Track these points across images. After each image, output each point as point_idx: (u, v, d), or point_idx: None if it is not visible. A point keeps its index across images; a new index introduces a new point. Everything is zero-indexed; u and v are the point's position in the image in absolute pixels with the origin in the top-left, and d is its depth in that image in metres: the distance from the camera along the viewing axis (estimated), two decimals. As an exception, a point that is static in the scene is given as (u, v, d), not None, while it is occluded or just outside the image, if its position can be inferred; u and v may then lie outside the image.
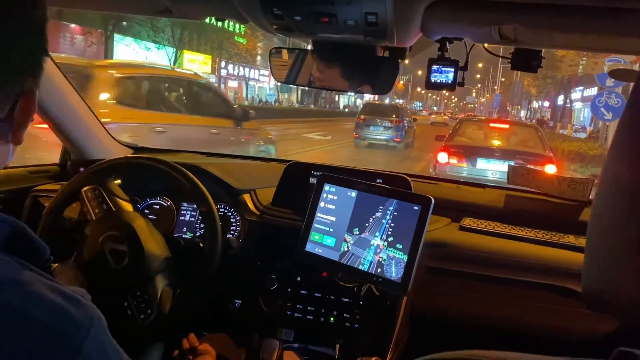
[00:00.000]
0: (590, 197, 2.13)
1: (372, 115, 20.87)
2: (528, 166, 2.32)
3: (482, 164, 10.35)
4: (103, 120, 2.65)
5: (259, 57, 46.35)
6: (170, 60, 32.21)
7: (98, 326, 0.75)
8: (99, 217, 1.94)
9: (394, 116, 20.90)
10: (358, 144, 20.65)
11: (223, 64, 41.13)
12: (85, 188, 1.98)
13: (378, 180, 2.09)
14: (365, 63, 1.78)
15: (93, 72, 6.62)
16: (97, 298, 0.84)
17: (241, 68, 44.08)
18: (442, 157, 10.70)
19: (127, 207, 2.02)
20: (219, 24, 29.93)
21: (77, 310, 0.73)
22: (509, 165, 2.33)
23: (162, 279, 1.87)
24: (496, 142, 11.39)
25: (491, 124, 12.69)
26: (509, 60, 1.68)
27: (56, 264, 1.91)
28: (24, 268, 0.74)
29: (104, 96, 6.55)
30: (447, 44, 1.69)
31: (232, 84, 46.69)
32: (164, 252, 1.91)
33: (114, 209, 1.96)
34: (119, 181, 2.10)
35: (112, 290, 1.84)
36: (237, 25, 37.86)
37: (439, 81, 1.72)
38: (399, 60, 1.77)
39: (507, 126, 12.61)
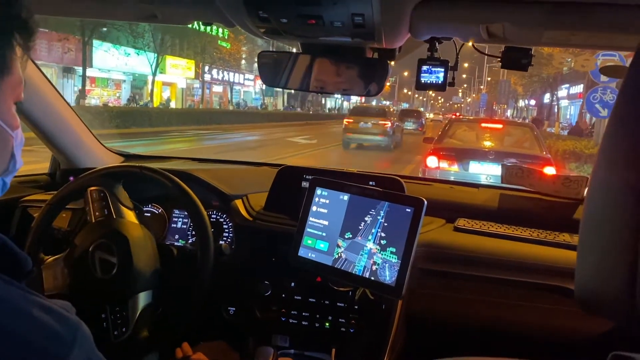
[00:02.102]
0: (584, 194, 2.13)
1: (405, 116, 33.34)
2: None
3: (475, 167, 9.72)
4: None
5: (243, 61, 46.28)
6: (151, 65, 32.07)
7: (82, 340, 0.76)
8: (97, 221, 1.91)
9: (418, 116, 36.02)
10: None
11: (207, 68, 41.00)
12: (92, 188, 1.95)
13: (371, 183, 2.08)
14: (355, 65, 1.77)
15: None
16: (76, 303, 0.83)
17: (225, 73, 43.95)
18: (432, 161, 9.98)
19: (129, 216, 1.97)
20: (202, 28, 30.13)
21: (61, 326, 0.74)
22: (503, 165, 2.31)
23: (144, 298, 1.84)
24: (489, 144, 10.72)
25: (483, 124, 11.97)
26: (499, 59, 1.68)
27: (47, 257, 1.90)
28: (7, 284, 0.73)
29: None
30: (437, 44, 1.68)
31: (217, 88, 46.59)
32: (153, 269, 1.88)
33: (114, 216, 1.92)
34: None
35: (93, 299, 1.81)
36: (220, 30, 37.78)
37: (429, 81, 1.71)
38: (388, 62, 1.76)
39: (500, 126, 11.92)
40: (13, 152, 0.91)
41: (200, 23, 1.84)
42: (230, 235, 2.23)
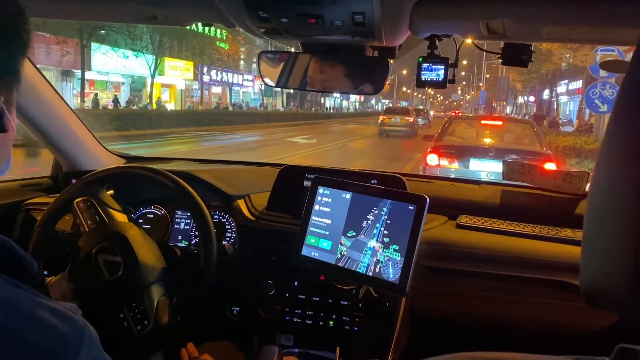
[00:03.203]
0: (586, 189, 2.13)
1: (417, 113, 37.35)
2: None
3: (475, 164, 9.56)
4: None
5: (241, 62, 46.28)
6: (150, 67, 32.08)
7: (89, 341, 0.75)
8: (92, 228, 1.91)
9: (426, 114, 46.38)
10: None
11: (205, 69, 41.01)
12: (78, 199, 1.95)
13: (373, 181, 2.08)
14: (355, 64, 1.78)
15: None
16: (92, 310, 0.83)
17: (224, 73, 43.95)
18: (432, 159, 9.85)
19: (120, 217, 1.98)
20: (200, 29, 30.09)
21: (68, 327, 0.73)
22: (504, 161, 2.31)
23: (157, 289, 1.84)
24: (489, 141, 10.61)
25: (483, 121, 11.83)
26: (499, 56, 1.68)
27: (50, 277, 1.90)
28: (13, 286, 0.73)
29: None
30: (437, 41, 1.68)
31: (216, 89, 46.60)
32: (159, 262, 1.89)
33: (106, 220, 1.93)
34: (111, 191, 2.07)
35: (107, 302, 1.82)
36: (218, 31, 37.80)
37: (429, 79, 1.72)
38: (389, 60, 1.77)
39: (500, 123, 11.71)
40: (10, 150, 0.91)
41: (200, 24, 1.84)
42: (233, 235, 2.23)
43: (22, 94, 2.13)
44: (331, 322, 2.05)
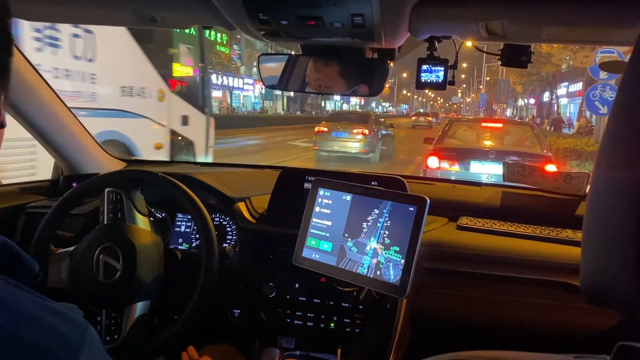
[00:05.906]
0: (586, 190, 2.13)
1: (432, 115, 51.11)
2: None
3: (476, 167, 9.59)
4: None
5: (242, 66, 46.29)
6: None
7: (90, 343, 0.75)
8: (109, 224, 1.89)
9: (436, 115, 63.73)
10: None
11: (206, 74, 40.99)
12: (110, 189, 1.93)
13: (373, 183, 2.07)
14: (355, 65, 1.78)
15: None
16: (74, 302, 0.83)
17: (225, 77, 43.92)
18: (433, 161, 9.88)
19: (141, 222, 1.94)
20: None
21: (69, 329, 0.73)
22: (504, 162, 2.31)
23: (141, 308, 1.82)
24: (490, 143, 10.64)
25: (483, 124, 11.77)
26: (499, 58, 1.68)
27: (57, 248, 1.90)
28: (14, 287, 0.73)
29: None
30: (436, 42, 1.68)
31: (217, 93, 46.62)
32: (156, 280, 1.86)
33: (126, 221, 1.89)
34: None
35: (90, 301, 1.81)
36: (218, 35, 37.80)
37: (429, 80, 1.71)
38: (388, 62, 1.77)
39: (500, 125, 11.72)
40: None
41: (201, 27, 1.84)
42: (234, 237, 2.23)
43: (22, 96, 2.14)
44: (332, 324, 2.05)
